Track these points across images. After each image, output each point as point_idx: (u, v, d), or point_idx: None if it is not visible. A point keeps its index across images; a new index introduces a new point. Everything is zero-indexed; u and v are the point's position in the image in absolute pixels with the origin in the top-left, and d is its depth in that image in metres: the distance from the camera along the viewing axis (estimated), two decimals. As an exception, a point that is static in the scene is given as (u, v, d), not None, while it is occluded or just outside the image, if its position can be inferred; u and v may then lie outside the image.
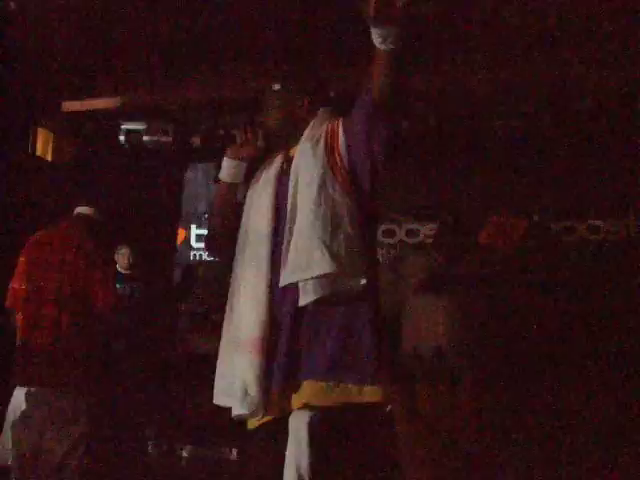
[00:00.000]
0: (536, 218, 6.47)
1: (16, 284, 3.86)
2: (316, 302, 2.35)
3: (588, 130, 5.95)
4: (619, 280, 6.00)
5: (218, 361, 2.54)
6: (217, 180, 2.74)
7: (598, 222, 6.57)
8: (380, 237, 6.57)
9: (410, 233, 6.70)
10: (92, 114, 6.21)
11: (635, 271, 6.02)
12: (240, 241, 2.58)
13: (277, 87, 2.64)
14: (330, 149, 2.43)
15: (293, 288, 2.37)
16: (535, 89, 5.67)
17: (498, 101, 5.84)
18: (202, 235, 7.15)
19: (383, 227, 6.65)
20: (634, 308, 5.64)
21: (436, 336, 4.57)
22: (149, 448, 5.49)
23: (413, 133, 5.70)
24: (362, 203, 2.42)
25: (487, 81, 5.52)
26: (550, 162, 6.22)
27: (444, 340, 4.55)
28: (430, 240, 6.35)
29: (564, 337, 5.59)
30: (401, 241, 6.70)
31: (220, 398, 2.50)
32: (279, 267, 2.40)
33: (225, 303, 2.58)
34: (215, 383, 2.52)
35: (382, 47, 2.17)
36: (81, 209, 4.00)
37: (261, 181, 2.62)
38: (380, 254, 6.51)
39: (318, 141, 2.47)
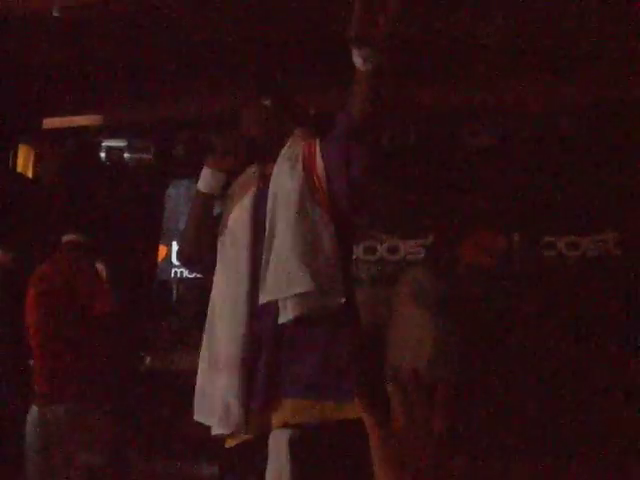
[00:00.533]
0: (516, 235, 6.50)
1: (27, 316, 4.01)
2: (296, 320, 2.35)
3: (567, 147, 6.01)
4: (598, 296, 6.04)
5: (198, 378, 2.53)
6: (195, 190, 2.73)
7: (577, 238, 6.59)
8: (361, 254, 6.59)
9: (391, 250, 6.71)
10: (73, 131, 6.20)
11: (614, 287, 6.07)
12: (219, 257, 2.57)
13: (267, 102, 2.64)
14: (308, 169, 2.44)
15: (272, 306, 2.38)
16: (515, 107, 5.71)
17: (479, 119, 5.89)
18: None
19: (364, 244, 6.65)
20: (614, 323, 5.68)
21: (418, 355, 4.59)
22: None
23: (393, 150, 5.74)
24: (341, 222, 2.44)
25: (468, 99, 5.56)
26: (530, 179, 6.26)
27: (426, 359, 4.57)
28: (411, 257, 6.40)
29: (547, 353, 5.62)
30: (382, 258, 6.70)
31: (200, 416, 2.50)
32: (258, 284, 2.41)
33: (205, 320, 2.58)
34: (195, 400, 2.52)
35: (363, 68, 2.18)
36: (69, 237, 4.09)
37: (238, 197, 2.62)
38: (362, 271, 6.52)
39: (296, 160, 2.48)
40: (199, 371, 2.54)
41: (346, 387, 2.33)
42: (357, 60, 2.18)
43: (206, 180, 2.62)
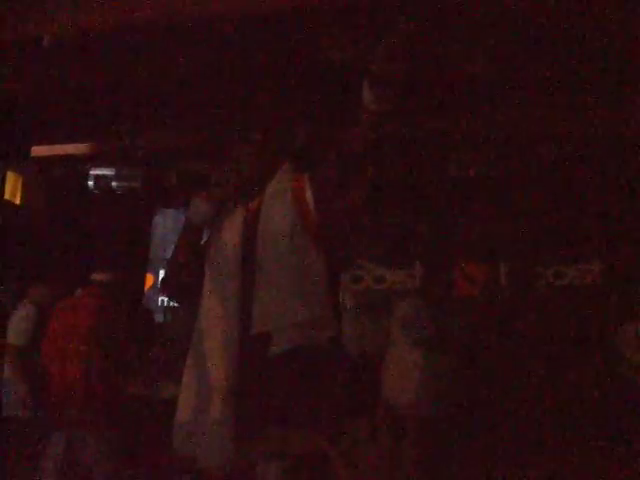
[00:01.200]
0: (503, 265, 6.52)
1: (45, 345, 4.21)
2: (287, 351, 2.36)
3: (554, 177, 6.06)
4: (585, 325, 6.06)
5: (180, 408, 2.52)
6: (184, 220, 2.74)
7: (564, 268, 6.62)
8: (347, 283, 6.58)
9: (377, 280, 6.71)
10: (61, 159, 6.20)
11: (601, 315, 6.09)
12: (207, 287, 2.57)
13: (257, 137, 2.66)
14: (298, 203, 2.46)
15: (264, 337, 2.38)
16: (504, 136, 5.76)
17: (466, 149, 5.93)
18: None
19: (350, 273, 6.65)
20: (600, 352, 5.70)
21: (406, 388, 4.59)
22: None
23: (382, 180, 5.76)
24: (331, 254, 2.45)
25: (456, 129, 5.60)
26: (517, 209, 6.30)
27: (414, 393, 4.57)
28: (398, 287, 6.40)
29: (537, 381, 5.62)
30: (368, 287, 6.69)
31: (184, 448, 2.48)
32: (248, 315, 2.41)
33: (188, 349, 2.58)
34: (176, 430, 2.50)
35: (372, 107, 2.21)
36: (96, 275, 4.28)
37: (226, 230, 2.62)
38: (348, 300, 6.51)
39: (285, 194, 2.49)
40: (182, 401, 2.52)
41: (335, 418, 2.33)
42: (368, 100, 2.21)
43: (195, 211, 2.63)
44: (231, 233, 2.59)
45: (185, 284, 2.66)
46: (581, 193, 6.14)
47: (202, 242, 2.71)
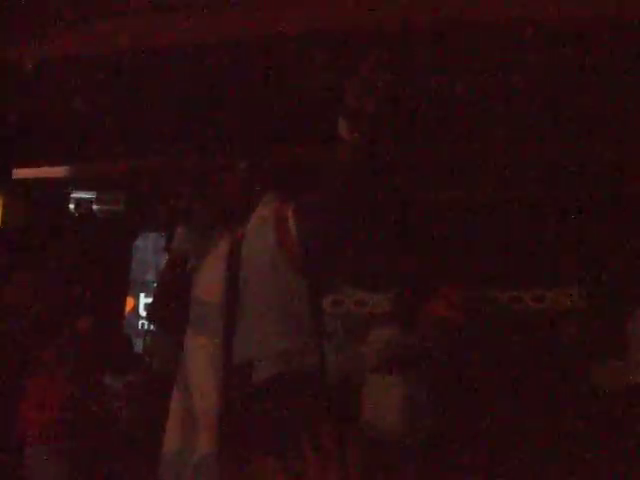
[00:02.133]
0: (481, 289, 6.56)
1: None
2: (269, 379, 2.37)
3: (531, 201, 6.11)
4: (563, 348, 6.10)
5: (167, 437, 2.52)
6: (168, 249, 2.75)
7: (543, 291, 6.67)
8: (329, 308, 6.59)
9: (358, 304, 6.72)
10: (43, 182, 6.20)
11: (579, 339, 6.14)
12: (192, 316, 2.58)
13: (243, 166, 2.68)
14: (281, 232, 2.48)
15: (246, 365, 2.39)
16: (478, 160, 5.80)
17: (440, 172, 5.97)
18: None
19: (331, 298, 6.66)
20: (579, 375, 5.73)
21: (385, 413, 4.60)
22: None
23: (362, 205, 5.78)
24: (313, 281, 2.47)
25: (435, 152, 5.64)
26: (495, 232, 6.34)
27: (394, 417, 4.58)
28: (378, 310, 6.42)
29: (516, 406, 5.64)
30: (349, 312, 6.71)
31: (169, 475, 2.48)
32: (232, 345, 2.42)
33: (171, 374, 2.58)
34: (162, 459, 2.50)
35: (348, 138, 2.24)
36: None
37: (210, 258, 2.64)
38: (329, 325, 6.51)
39: (268, 223, 2.51)
40: (169, 430, 2.52)
41: (317, 443, 2.34)
42: (343, 130, 2.23)
43: (179, 240, 2.65)
44: (216, 261, 2.60)
45: (170, 314, 2.67)
46: (560, 217, 6.19)
47: (186, 270, 2.72)
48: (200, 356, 2.50)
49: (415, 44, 4.08)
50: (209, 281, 2.58)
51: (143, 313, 7.34)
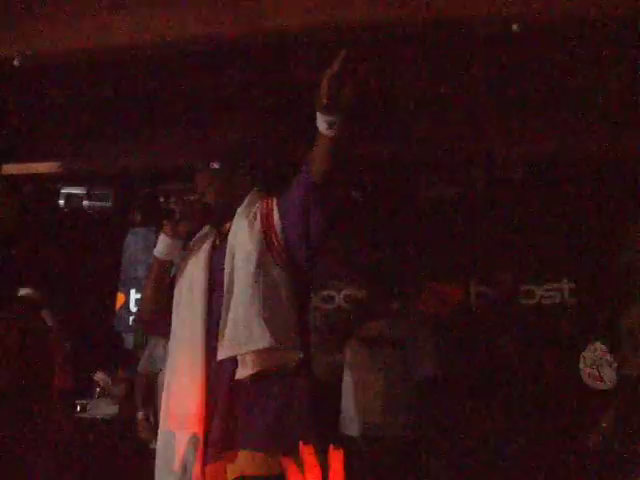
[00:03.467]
0: (472, 285, 6.56)
1: None
2: (253, 375, 2.38)
3: (521, 196, 6.12)
4: (554, 344, 6.11)
5: (159, 436, 2.54)
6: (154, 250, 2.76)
7: (533, 287, 6.68)
8: (319, 303, 6.60)
9: (348, 299, 6.72)
10: (32, 177, 6.18)
11: (569, 334, 6.15)
12: (175, 316, 2.59)
13: (216, 166, 2.68)
14: (266, 227, 2.49)
15: (230, 361, 2.40)
16: (471, 157, 5.80)
17: (434, 169, 5.98)
18: (141, 300, 7.09)
19: (322, 293, 6.67)
20: (569, 373, 5.74)
21: (370, 408, 4.60)
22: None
23: (351, 200, 5.80)
24: (298, 277, 2.48)
25: (426, 149, 5.63)
26: (486, 229, 6.35)
27: (378, 412, 4.59)
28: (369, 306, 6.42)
29: (500, 405, 5.65)
30: (339, 306, 6.71)
31: (161, 474, 2.49)
32: (215, 341, 2.43)
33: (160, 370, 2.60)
34: (157, 459, 2.51)
35: (326, 132, 2.25)
36: (22, 291, 4.12)
37: (193, 255, 2.65)
38: (319, 320, 6.51)
39: (254, 218, 2.52)
40: (160, 428, 2.54)
41: (301, 439, 2.34)
42: (321, 125, 2.25)
43: (163, 247, 2.66)
44: (199, 258, 2.61)
45: (157, 317, 2.68)
46: (552, 212, 6.20)
47: (171, 274, 2.73)
48: (184, 352, 2.51)
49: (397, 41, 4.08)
50: (191, 282, 2.59)
51: (134, 309, 7.32)
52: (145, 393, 4.61)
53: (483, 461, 5.20)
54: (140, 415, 4.68)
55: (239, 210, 2.60)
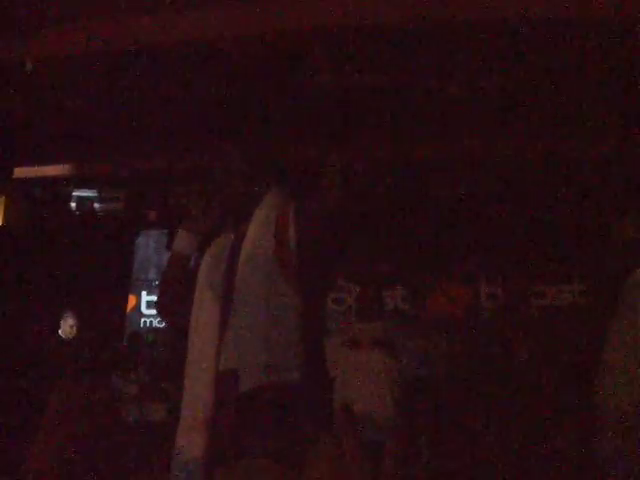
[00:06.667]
0: (484, 286, 6.57)
1: None
2: (253, 390, 2.37)
3: (532, 199, 6.11)
4: (565, 344, 6.10)
5: (178, 432, 2.54)
6: (170, 248, 2.75)
7: (544, 288, 6.68)
8: (330, 305, 6.59)
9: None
10: (44, 181, 6.22)
11: (580, 334, 6.13)
12: (194, 316, 2.59)
13: (235, 164, 2.67)
14: (279, 240, 2.46)
15: (231, 373, 2.40)
16: (480, 159, 5.81)
17: (443, 171, 5.98)
18: (152, 302, 7.10)
19: (332, 295, 6.66)
20: (582, 371, 5.72)
21: (374, 399, 4.61)
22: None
23: (362, 204, 5.81)
24: (308, 294, 2.45)
25: (432, 152, 5.64)
26: (497, 231, 6.35)
27: (382, 404, 4.60)
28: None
29: (509, 405, 5.64)
30: (350, 308, 6.70)
31: (174, 474, 2.49)
32: (222, 349, 2.44)
33: (175, 370, 2.60)
34: (173, 455, 2.51)
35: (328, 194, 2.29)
36: None
37: (214, 257, 2.64)
38: (329, 322, 6.51)
39: (269, 227, 2.49)
40: (180, 426, 2.54)
41: (304, 448, 2.34)
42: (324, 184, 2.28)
43: (182, 242, 2.66)
44: (217, 260, 2.60)
45: (176, 309, 2.68)
46: (562, 214, 6.20)
47: (190, 268, 2.72)
48: (197, 358, 2.51)
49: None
50: (210, 286, 2.57)
51: (145, 311, 7.34)
52: None
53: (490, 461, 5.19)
54: None
55: (257, 210, 2.58)
